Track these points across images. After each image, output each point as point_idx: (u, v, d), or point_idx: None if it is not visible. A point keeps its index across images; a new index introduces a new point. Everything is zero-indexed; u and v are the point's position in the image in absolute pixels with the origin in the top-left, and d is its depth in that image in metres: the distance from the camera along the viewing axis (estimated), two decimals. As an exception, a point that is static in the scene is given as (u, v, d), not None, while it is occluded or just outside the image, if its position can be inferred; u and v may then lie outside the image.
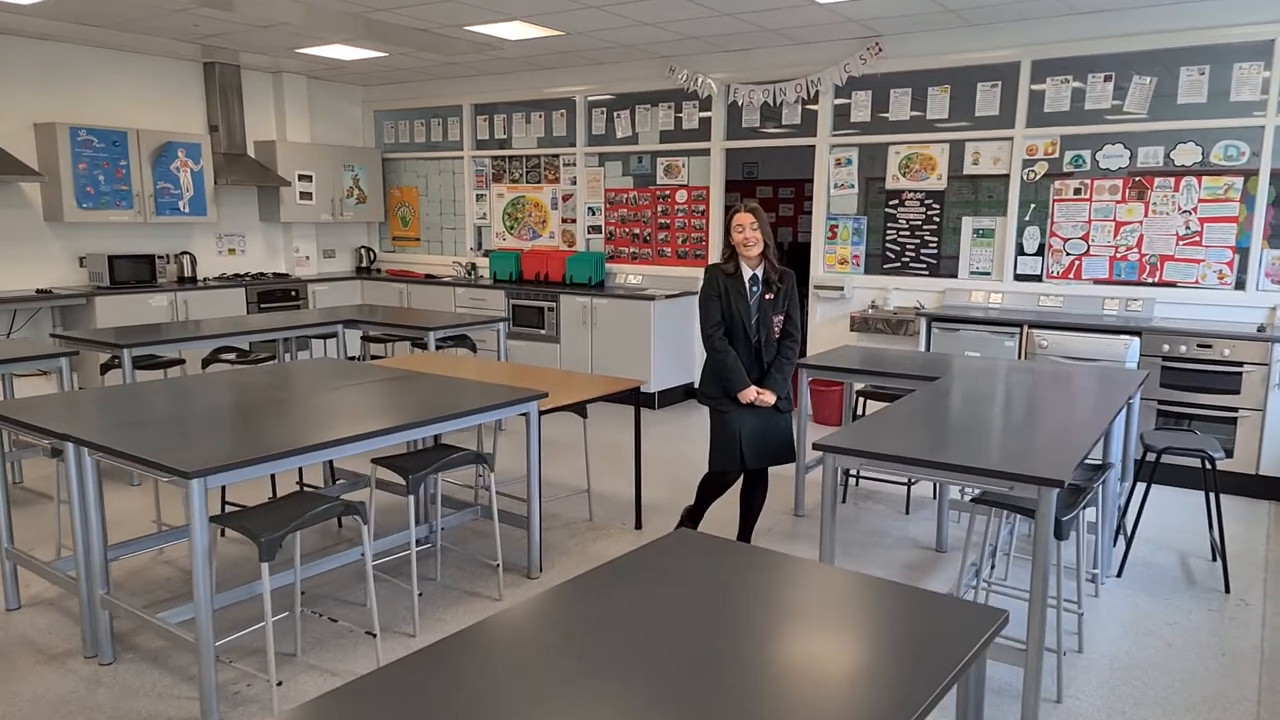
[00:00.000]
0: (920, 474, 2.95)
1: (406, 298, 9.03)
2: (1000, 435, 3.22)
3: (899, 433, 3.31)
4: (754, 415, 4.08)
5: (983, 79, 6.48)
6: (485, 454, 3.69)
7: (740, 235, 4.00)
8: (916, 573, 4.23)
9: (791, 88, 7.12)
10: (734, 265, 4.05)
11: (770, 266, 4.06)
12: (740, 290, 4.03)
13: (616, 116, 8.14)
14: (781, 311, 4.10)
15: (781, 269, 4.10)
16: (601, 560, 4.30)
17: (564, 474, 5.63)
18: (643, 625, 1.81)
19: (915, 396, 3.88)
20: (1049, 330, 5.85)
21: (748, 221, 4.01)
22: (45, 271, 7.46)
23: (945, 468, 2.87)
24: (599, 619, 1.84)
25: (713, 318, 4.05)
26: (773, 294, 4.06)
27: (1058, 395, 3.93)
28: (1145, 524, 4.86)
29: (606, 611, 1.88)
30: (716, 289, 4.04)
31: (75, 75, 7.53)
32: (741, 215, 4.04)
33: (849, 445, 3.06)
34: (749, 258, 4.03)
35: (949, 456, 2.90)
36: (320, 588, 3.92)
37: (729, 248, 4.08)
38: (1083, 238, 6.23)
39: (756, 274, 4.06)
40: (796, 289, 4.19)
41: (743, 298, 4.03)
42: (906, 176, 6.84)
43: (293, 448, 2.93)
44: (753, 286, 4.05)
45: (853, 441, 3.10)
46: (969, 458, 2.90)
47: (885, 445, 3.08)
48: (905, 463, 2.96)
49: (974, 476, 2.84)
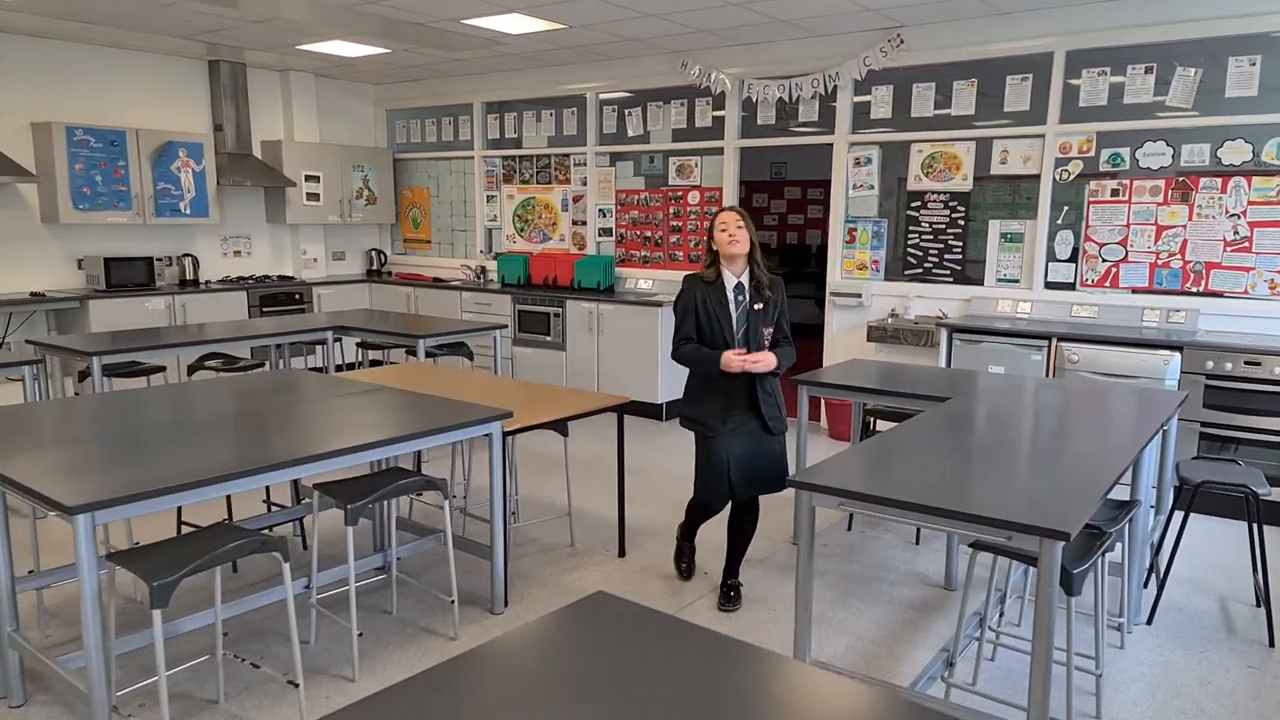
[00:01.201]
0: (903, 518, 2.57)
1: (414, 302, 8.78)
2: (1007, 469, 2.82)
3: (891, 464, 2.92)
4: (742, 440, 3.74)
5: (1012, 71, 6.02)
6: (438, 479, 3.37)
7: (725, 234, 3.65)
8: (920, 614, 3.82)
9: (808, 83, 6.72)
10: (715, 272, 3.70)
11: (758, 273, 3.70)
12: (721, 300, 3.69)
13: (628, 114, 7.81)
14: (772, 322, 3.75)
15: (772, 276, 3.75)
16: (575, 594, 3.99)
17: (552, 493, 5.30)
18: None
19: (920, 420, 3.49)
20: (1080, 344, 5.39)
21: (733, 220, 3.68)
22: (43, 274, 7.33)
23: (931, 512, 2.49)
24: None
25: (683, 333, 3.71)
26: (763, 304, 3.70)
27: (1083, 419, 3.51)
28: (1182, 560, 4.40)
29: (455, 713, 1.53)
30: (691, 300, 3.70)
31: (76, 74, 7.40)
32: (726, 215, 3.71)
33: (825, 481, 2.68)
34: (733, 261, 3.68)
35: (937, 498, 2.51)
36: (265, 621, 3.64)
37: (711, 254, 3.73)
38: (1120, 243, 5.74)
39: (742, 282, 3.70)
40: (786, 298, 3.84)
41: (724, 308, 3.68)
42: (930, 176, 6.40)
43: (203, 478, 2.64)
44: (737, 296, 3.70)
45: (830, 476, 2.72)
46: (960, 499, 2.51)
47: (868, 481, 2.71)
48: (885, 504, 2.57)
49: (965, 524, 2.45)
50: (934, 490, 2.60)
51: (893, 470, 2.89)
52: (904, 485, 2.68)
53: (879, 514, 2.60)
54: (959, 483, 2.69)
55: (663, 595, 3.95)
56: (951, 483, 2.68)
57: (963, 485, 2.66)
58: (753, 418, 3.72)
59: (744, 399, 3.71)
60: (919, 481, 2.71)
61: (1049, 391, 4.10)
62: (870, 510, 2.62)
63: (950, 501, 2.49)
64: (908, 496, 2.54)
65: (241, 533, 2.74)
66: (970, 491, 2.60)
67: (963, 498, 2.54)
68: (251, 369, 6.13)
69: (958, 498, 2.53)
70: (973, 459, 2.94)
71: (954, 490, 2.61)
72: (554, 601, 3.85)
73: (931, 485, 2.66)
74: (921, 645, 3.54)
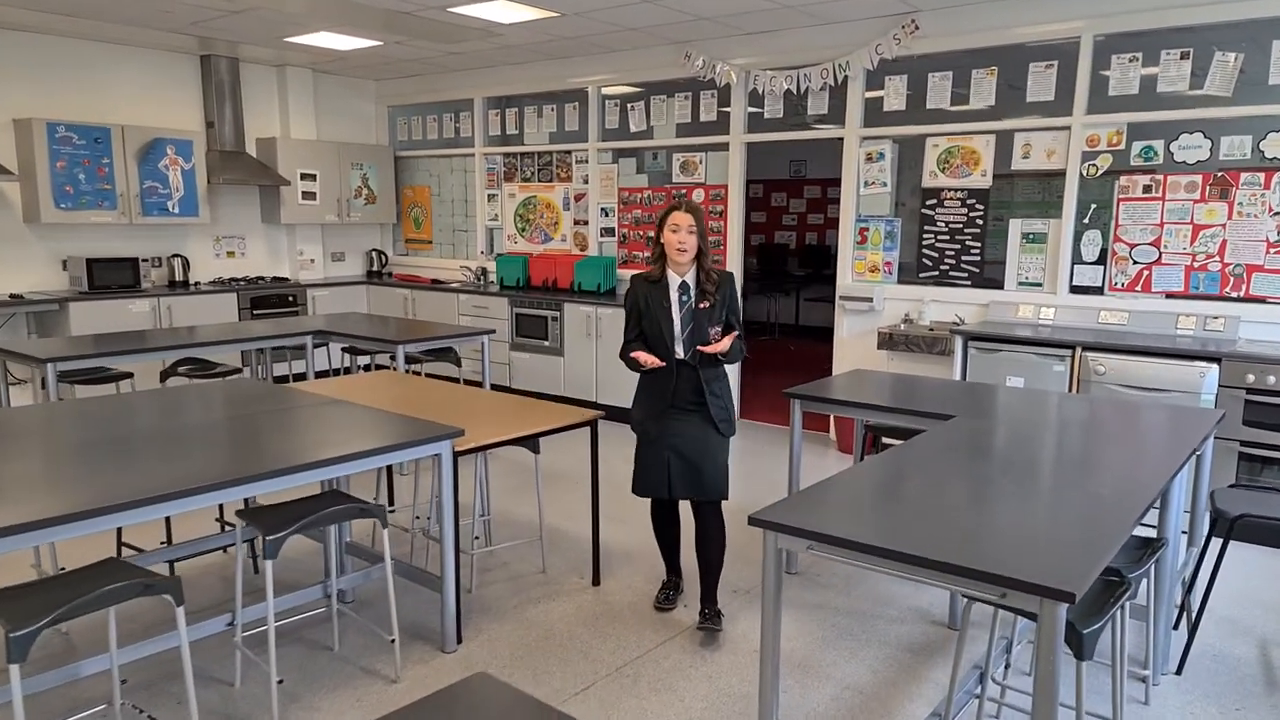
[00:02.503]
0: (879, 567, 2.18)
1: (411, 305, 8.49)
2: (1009, 506, 2.42)
3: (874, 498, 2.54)
4: (687, 441, 3.50)
5: (1036, 59, 5.58)
6: (374, 506, 3.04)
7: (675, 237, 3.41)
8: (918, 659, 3.42)
9: (817, 73, 6.32)
10: (660, 271, 3.50)
11: (704, 271, 3.48)
12: (663, 301, 3.47)
13: (631, 108, 7.45)
14: (720, 320, 3.50)
15: (720, 272, 3.52)
16: (539, 629, 3.54)
17: (532, 510, 4.95)
18: None
19: (917, 444, 3.10)
20: (1108, 354, 4.94)
21: (685, 223, 3.42)
22: (27, 275, 7.11)
23: (909, 561, 2.10)
24: None
25: (625, 335, 3.57)
26: (708, 302, 3.47)
27: (1105, 442, 3.09)
28: (1218, 596, 3.95)
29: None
30: (635, 301, 3.53)
31: (65, 70, 7.18)
32: (680, 214, 3.43)
33: (791, 519, 2.31)
34: (679, 263, 3.45)
35: (920, 543, 2.13)
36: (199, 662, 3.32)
37: (657, 249, 3.46)
38: (1153, 244, 5.28)
39: (686, 281, 3.48)
40: (738, 295, 3.61)
41: (664, 310, 3.47)
42: (946, 173, 5.97)
43: (89, 509, 2.32)
44: (681, 296, 3.48)
45: (798, 513, 2.34)
46: (948, 545, 2.12)
47: (841, 520, 2.33)
48: (857, 550, 2.19)
49: (950, 577, 2.06)
50: (919, 532, 2.22)
51: (876, 505, 2.50)
52: (884, 526, 2.30)
53: (849, 561, 2.22)
54: (950, 522, 2.29)
55: (631, 632, 3.58)
56: (941, 523, 2.29)
57: (954, 526, 2.27)
58: (700, 418, 3.52)
59: (690, 398, 3.51)
60: (903, 521, 2.33)
61: (1068, 409, 3.68)
62: (841, 557, 2.24)
63: (935, 548, 2.11)
64: (884, 540, 2.16)
65: (127, 573, 2.42)
66: (962, 534, 2.21)
67: (952, 543, 2.15)
68: (228, 375, 5.86)
69: (945, 543, 2.15)
70: (971, 492, 2.55)
71: (942, 533, 2.22)
72: (513, 639, 3.50)
73: (917, 526, 2.28)
74: (918, 697, 3.15)
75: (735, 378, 7.15)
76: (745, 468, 5.91)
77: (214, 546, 3.83)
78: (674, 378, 3.52)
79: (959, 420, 3.45)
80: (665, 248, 3.48)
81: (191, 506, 2.54)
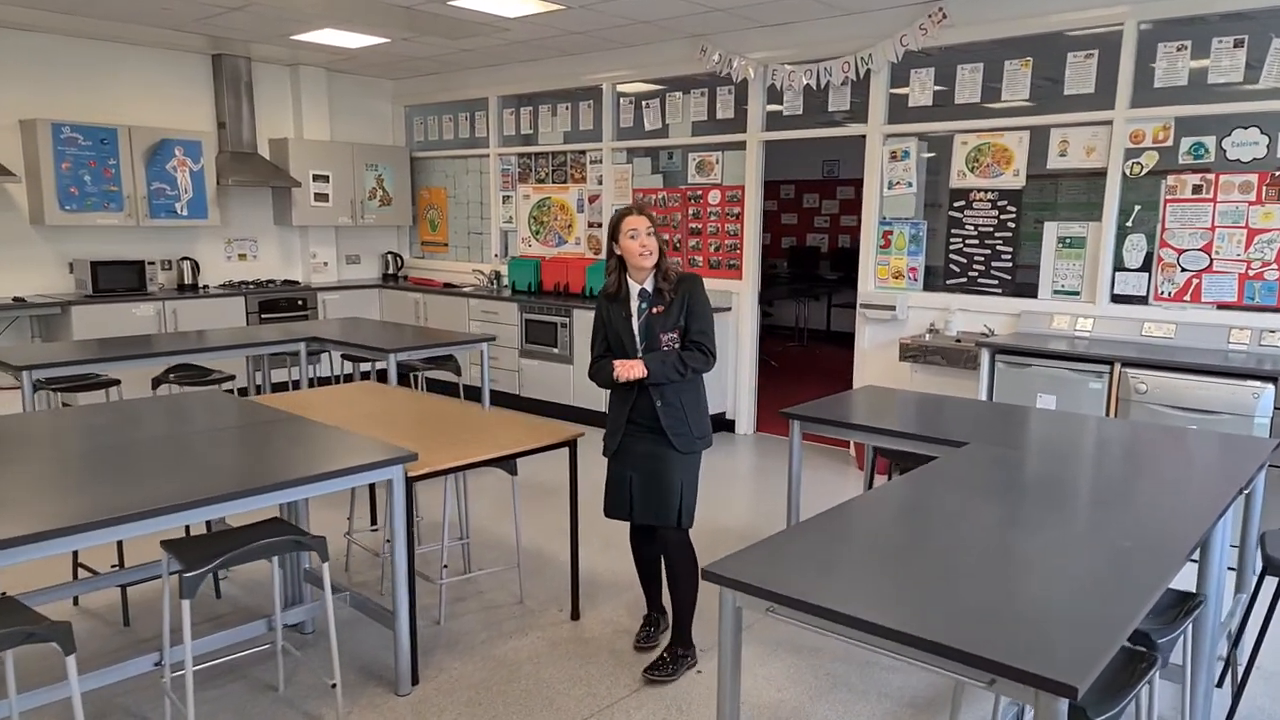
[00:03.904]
0: (847, 638, 1.84)
1: (423, 309, 8.27)
2: (1009, 564, 2.06)
3: (854, 547, 2.19)
4: (644, 459, 3.23)
5: (1074, 48, 5.15)
6: (313, 540, 2.76)
7: (635, 244, 3.15)
8: (922, 716, 3.05)
9: (838, 67, 5.94)
10: (617, 284, 3.23)
11: (661, 273, 3.20)
12: (624, 314, 3.23)
13: (646, 106, 7.13)
14: (675, 326, 3.20)
15: (679, 274, 3.24)
16: (505, 668, 3.19)
17: (531, 532, 4.66)
18: None
19: (920, 476, 2.74)
20: (1150, 370, 4.50)
21: (644, 225, 3.20)
22: (34, 277, 7.02)
23: (882, 634, 1.76)
24: None
25: (595, 350, 3.32)
26: (663, 306, 3.19)
27: (1137, 476, 2.70)
28: (1269, 650, 3.51)
29: None
30: (599, 317, 3.30)
31: (73, 70, 7.07)
32: (636, 218, 3.18)
33: (747, 576, 1.97)
34: (642, 268, 3.18)
35: (898, 610, 1.78)
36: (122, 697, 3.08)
37: (613, 261, 3.21)
38: (1204, 249, 4.83)
39: (646, 288, 3.22)
40: (702, 293, 3.24)
41: (625, 323, 3.22)
42: (976, 172, 5.56)
43: None
44: (641, 304, 3.22)
45: (757, 567, 2.01)
46: (929, 614, 1.77)
47: (810, 576, 1.98)
48: (823, 616, 1.85)
49: (929, 656, 1.72)
50: (900, 595, 1.87)
51: (854, 556, 2.15)
52: (858, 586, 1.95)
53: (813, 629, 1.88)
54: (939, 583, 1.94)
55: (605, 675, 3.26)
56: (928, 583, 1.94)
57: (943, 588, 1.92)
58: (656, 433, 3.22)
59: (649, 413, 3.22)
60: (883, 579, 1.98)
61: (1098, 436, 3.28)
62: (803, 623, 1.90)
63: (915, 617, 1.76)
64: (854, 605, 1.82)
65: (12, 618, 2.17)
66: (951, 599, 1.86)
67: (938, 611, 1.80)
68: (222, 381, 5.67)
69: (930, 610, 1.80)
70: (968, 543, 2.19)
71: (928, 597, 1.87)
72: (475, 679, 3.21)
73: (899, 587, 1.93)
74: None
75: (749, 385, 6.80)
76: (755, 487, 5.56)
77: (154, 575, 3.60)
78: (634, 392, 3.23)
79: (972, 449, 3.08)
80: (626, 257, 3.18)
81: (112, 538, 2.29)
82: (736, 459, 6.23)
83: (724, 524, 4.85)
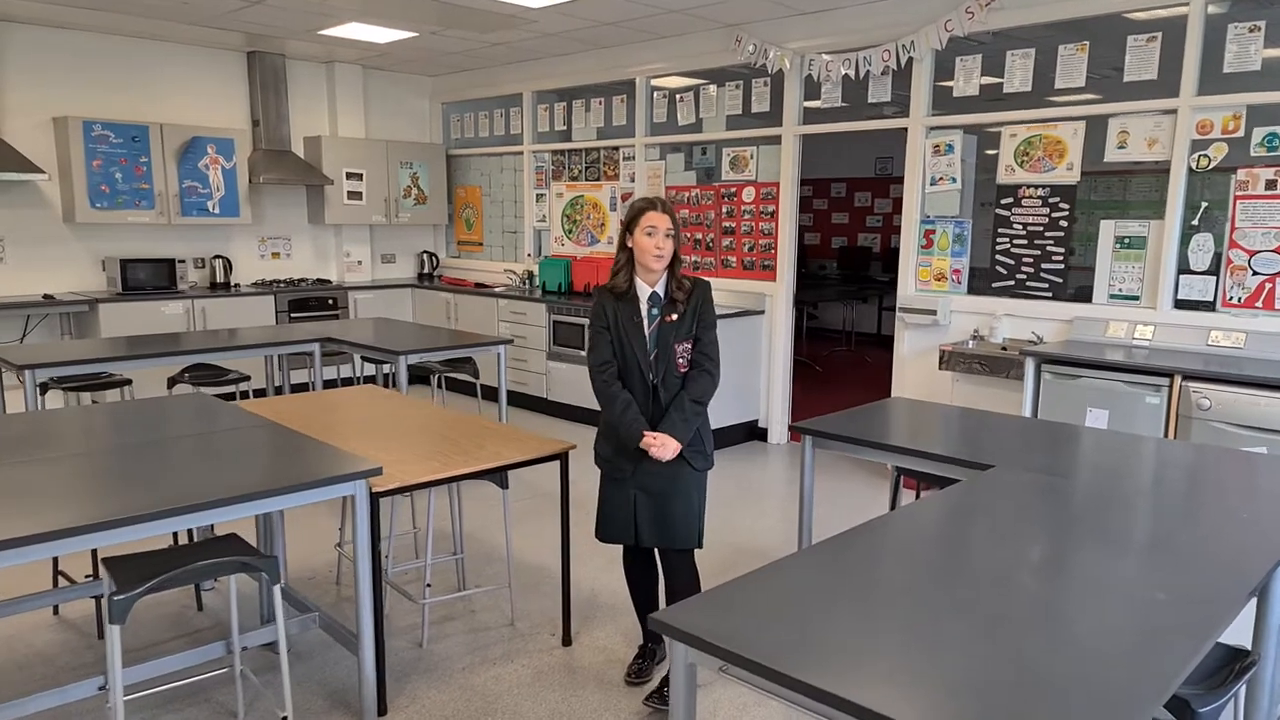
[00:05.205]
0: (818, 715, 1.54)
1: (453, 309, 8.11)
2: (1016, 621, 1.74)
3: (837, 594, 1.88)
4: (656, 479, 2.94)
5: (1135, 31, 4.72)
6: (259, 561, 2.56)
7: (651, 241, 2.85)
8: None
9: (878, 55, 5.58)
10: (627, 282, 2.95)
11: (674, 279, 2.94)
12: (634, 317, 2.94)
13: (679, 99, 6.86)
14: (688, 336, 2.96)
15: (692, 279, 2.99)
16: (483, 699, 2.94)
17: (526, 544, 4.42)
18: None
19: (926, 507, 2.43)
20: (1215, 384, 4.07)
21: (663, 224, 2.89)
22: (67, 274, 7.05)
23: (858, 714, 1.46)
24: None
25: (600, 355, 2.99)
26: (676, 315, 2.93)
27: (1187, 513, 2.34)
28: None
29: None
30: (604, 319, 2.98)
31: (108, 67, 7.08)
32: (656, 214, 2.89)
33: (700, 628, 1.69)
34: (653, 271, 2.92)
35: (876, 692, 1.48)
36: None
37: (623, 255, 2.92)
38: (1278, 250, 4.37)
39: (657, 291, 2.95)
40: (712, 304, 3.01)
41: (636, 327, 2.94)
42: (1025, 167, 5.16)
43: None
44: (651, 309, 2.95)
45: (717, 616, 1.72)
46: (913, 685, 1.47)
47: (776, 629, 1.69)
48: (786, 685, 1.56)
49: (895, 743, 1.41)
50: (886, 661, 1.57)
51: (838, 605, 1.85)
52: (831, 645, 1.64)
53: (772, 695, 1.59)
54: (933, 640, 1.63)
55: (589, 713, 3.00)
56: (920, 642, 1.63)
57: (937, 648, 1.61)
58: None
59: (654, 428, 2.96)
60: (864, 636, 1.67)
61: (1146, 460, 2.91)
62: (764, 689, 1.61)
63: (893, 690, 1.46)
64: (821, 675, 1.52)
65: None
66: (945, 663, 1.55)
67: (924, 683, 1.49)
68: (238, 382, 5.57)
69: (915, 680, 1.50)
70: (975, 590, 1.87)
71: (919, 661, 1.56)
72: (447, 712, 2.98)
73: (886, 647, 1.62)
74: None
75: (783, 392, 6.47)
76: (783, 502, 5.24)
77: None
78: (648, 404, 2.97)
79: (997, 472, 2.74)
80: (637, 254, 2.93)
81: (37, 556, 2.13)
82: (767, 470, 5.91)
83: (741, 542, 4.55)
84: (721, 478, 5.65)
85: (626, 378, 2.96)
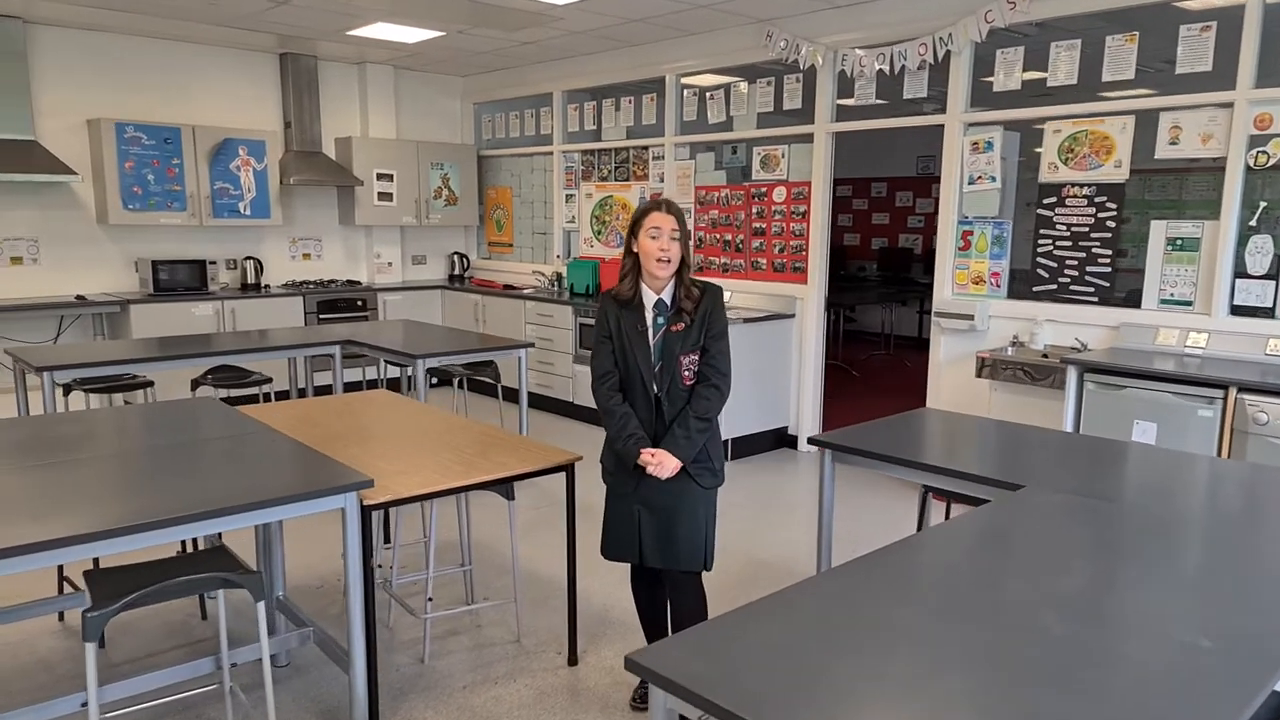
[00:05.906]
0: (796, 771, 1.38)
1: (481, 311, 8.03)
2: (1042, 662, 1.55)
3: (841, 630, 1.71)
4: (660, 494, 2.78)
5: (1189, 20, 4.45)
6: (242, 578, 2.45)
7: (655, 244, 2.70)
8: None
9: (914, 49, 5.36)
10: (632, 289, 2.79)
11: (683, 286, 2.77)
12: (638, 325, 2.78)
13: (710, 97, 6.68)
14: (695, 347, 2.78)
15: (702, 284, 2.82)
16: (482, 719, 2.93)
17: (539, 557, 4.29)
18: None
19: (942, 533, 2.24)
20: (1274, 397, 3.79)
21: (668, 226, 2.73)
22: (101, 275, 7.10)
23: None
24: None
25: (601, 365, 2.85)
26: (683, 324, 2.76)
27: (1245, 539, 2.12)
28: None
29: None
30: (607, 327, 2.83)
31: (141, 70, 7.12)
32: (660, 215, 2.73)
33: (678, 674, 1.53)
34: (658, 277, 2.74)
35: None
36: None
37: (629, 259, 2.75)
38: (1345, 253, 4.07)
39: (663, 299, 2.78)
40: (723, 311, 2.82)
41: (641, 336, 2.78)
42: (1070, 164, 4.90)
43: None
44: (657, 318, 2.78)
45: (695, 659, 1.56)
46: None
47: (760, 674, 1.52)
48: (758, 746, 1.39)
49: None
50: (875, 713, 1.40)
51: (839, 643, 1.66)
52: (838, 696, 1.47)
53: (753, 753, 1.43)
54: (941, 693, 1.45)
55: (593, 737, 2.86)
56: (928, 696, 1.46)
57: (944, 703, 1.43)
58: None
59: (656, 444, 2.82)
60: (873, 684, 1.49)
61: (1193, 482, 2.68)
62: (742, 741, 1.44)
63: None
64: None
65: None
66: None
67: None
68: (261, 384, 5.54)
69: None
70: (986, 633, 1.68)
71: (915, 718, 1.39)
72: (443, 734, 2.85)
73: (881, 696, 1.45)
74: None
75: (813, 398, 6.26)
76: (811, 515, 5.04)
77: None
78: (652, 418, 2.81)
79: (1028, 493, 2.54)
80: (642, 258, 2.76)
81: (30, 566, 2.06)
82: (796, 479, 5.71)
83: (764, 554, 4.37)
84: (747, 486, 5.46)
85: (629, 389, 2.81)
